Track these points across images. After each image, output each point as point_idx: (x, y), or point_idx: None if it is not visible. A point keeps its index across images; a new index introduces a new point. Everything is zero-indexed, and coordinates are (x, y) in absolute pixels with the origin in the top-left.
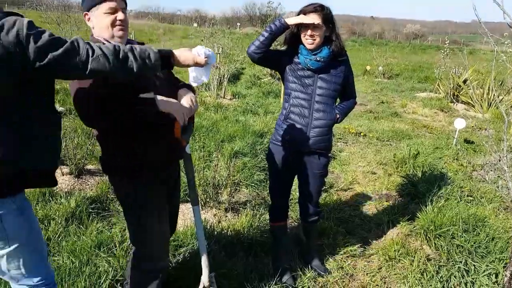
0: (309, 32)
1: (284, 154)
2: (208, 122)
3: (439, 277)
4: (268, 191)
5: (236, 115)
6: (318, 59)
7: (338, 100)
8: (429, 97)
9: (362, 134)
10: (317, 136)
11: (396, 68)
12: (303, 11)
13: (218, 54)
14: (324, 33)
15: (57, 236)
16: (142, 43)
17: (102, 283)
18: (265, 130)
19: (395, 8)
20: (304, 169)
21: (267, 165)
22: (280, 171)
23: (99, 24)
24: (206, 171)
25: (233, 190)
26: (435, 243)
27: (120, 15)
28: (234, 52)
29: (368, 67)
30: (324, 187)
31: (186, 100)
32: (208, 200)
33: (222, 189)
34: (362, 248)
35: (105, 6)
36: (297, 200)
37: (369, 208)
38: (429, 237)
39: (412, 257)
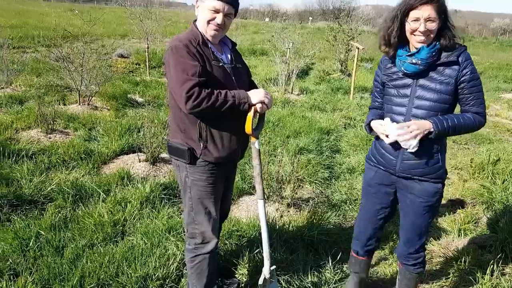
0: (422, 27)
1: (374, 174)
2: (274, 117)
3: None
4: (332, 189)
5: (303, 111)
6: (414, 61)
7: None
8: None
9: None
10: (411, 159)
11: (479, 66)
12: (412, 4)
13: (288, 49)
14: (437, 27)
15: (132, 218)
16: (235, 44)
17: (170, 265)
18: (331, 127)
19: (481, 1)
20: (402, 196)
21: (332, 163)
22: (368, 194)
23: (201, 16)
24: (270, 165)
25: (296, 186)
26: None
27: (218, 18)
28: (305, 47)
29: None
30: None
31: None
32: (271, 194)
33: (286, 185)
34: (429, 256)
35: (211, 3)
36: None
37: (440, 215)
38: (505, 250)
39: (484, 270)
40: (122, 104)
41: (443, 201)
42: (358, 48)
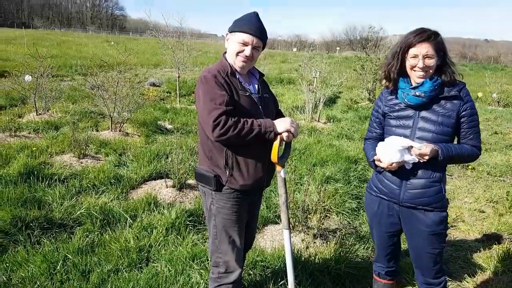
0: (420, 63)
1: (378, 204)
2: (301, 145)
3: None
4: (360, 220)
5: (330, 139)
6: (418, 93)
7: None
8: None
9: (470, 167)
10: (414, 189)
11: None
12: (410, 42)
13: (315, 78)
14: (435, 64)
15: (157, 244)
16: (262, 74)
17: None
18: (359, 156)
19: None
20: (408, 225)
21: (360, 193)
22: (374, 224)
23: (230, 48)
24: (296, 194)
25: (323, 216)
26: None
27: (247, 51)
28: (332, 76)
29: (479, 94)
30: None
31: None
32: (297, 224)
33: (312, 214)
34: None
35: (240, 36)
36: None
37: (475, 250)
38: None
39: None
40: (152, 130)
41: (478, 236)
42: None
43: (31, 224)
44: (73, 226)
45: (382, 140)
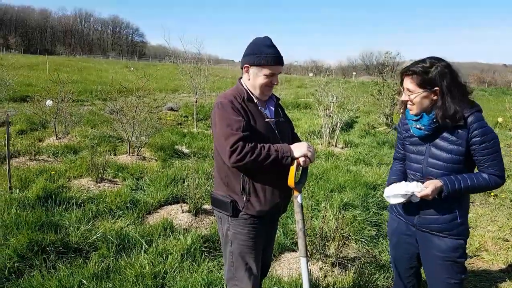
0: (402, 97)
1: (397, 223)
2: (318, 170)
3: None
4: (379, 248)
5: (347, 165)
6: (418, 126)
7: None
8: None
9: (492, 194)
10: (427, 214)
11: None
12: (400, 74)
13: (332, 103)
14: (426, 98)
15: (173, 270)
16: (278, 98)
17: None
18: (378, 182)
19: None
20: (423, 249)
21: (379, 220)
22: (393, 244)
23: (256, 81)
24: (314, 220)
25: (341, 244)
26: None
27: (275, 80)
28: (348, 101)
29: (500, 119)
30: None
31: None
32: (314, 252)
33: (330, 242)
34: None
35: (268, 70)
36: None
37: (500, 281)
38: None
39: None
40: (169, 155)
41: (503, 266)
42: None
43: (47, 248)
44: (89, 251)
45: (403, 155)
